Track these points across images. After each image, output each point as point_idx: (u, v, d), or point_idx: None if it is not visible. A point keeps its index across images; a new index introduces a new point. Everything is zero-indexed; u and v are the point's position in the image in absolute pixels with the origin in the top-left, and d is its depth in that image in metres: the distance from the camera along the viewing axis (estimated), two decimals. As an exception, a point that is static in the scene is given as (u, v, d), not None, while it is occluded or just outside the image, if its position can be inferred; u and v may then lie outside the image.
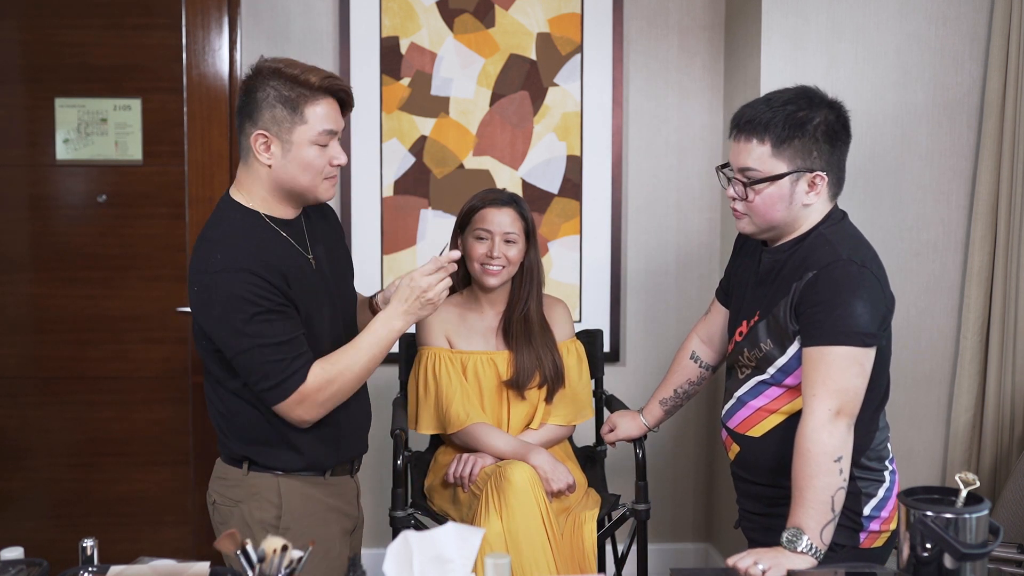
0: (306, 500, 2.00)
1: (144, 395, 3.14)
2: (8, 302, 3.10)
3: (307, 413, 1.91)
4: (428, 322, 2.55)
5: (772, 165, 1.91)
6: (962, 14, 2.95)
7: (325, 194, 1.96)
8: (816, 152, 1.91)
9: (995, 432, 2.90)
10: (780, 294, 1.93)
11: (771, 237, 2.00)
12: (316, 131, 1.88)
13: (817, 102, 1.94)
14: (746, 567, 1.69)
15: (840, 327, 1.81)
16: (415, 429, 2.55)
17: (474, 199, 2.55)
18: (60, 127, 3.07)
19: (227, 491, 2.03)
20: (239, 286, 1.84)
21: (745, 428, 2.03)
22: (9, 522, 3.13)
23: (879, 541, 1.96)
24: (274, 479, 1.99)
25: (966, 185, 3.00)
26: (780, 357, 1.94)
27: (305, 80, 1.86)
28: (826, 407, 1.80)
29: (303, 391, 1.88)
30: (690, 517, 3.40)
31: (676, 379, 2.40)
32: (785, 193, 1.91)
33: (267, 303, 1.85)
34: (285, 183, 1.92)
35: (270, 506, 1.98)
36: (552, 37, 3.24)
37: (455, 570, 1.41)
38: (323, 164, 1.91)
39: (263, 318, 1.85)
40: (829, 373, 1.81)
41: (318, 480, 2.03)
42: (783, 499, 1.91)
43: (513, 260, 2.50)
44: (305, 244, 2.01)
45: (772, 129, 1.90)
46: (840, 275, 1.84)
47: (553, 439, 2.56)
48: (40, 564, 1.52)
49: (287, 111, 1.86)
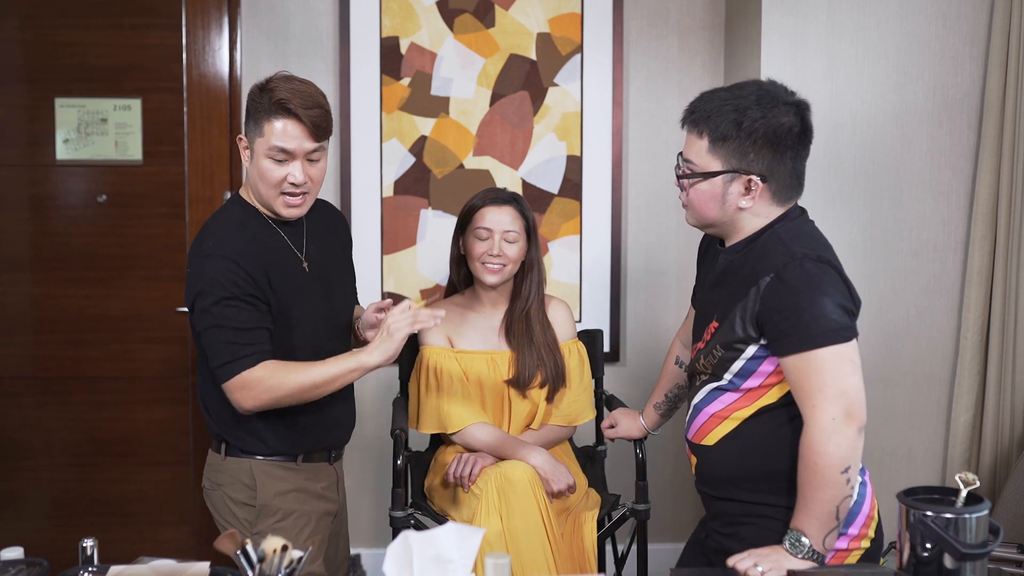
0: (279, 481, 2.09)
1: (144, 395, 3.14)
2: (8, 302, 3.11)
3: (244, 401, 1.98)
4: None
5: (707, 161, 1.82)
6: (962, 14, 2.95)
7: (283, 211, 2.04)
8: (753, 155, 1.79)
9: (995, 432, 2.90)
10: (736, 297, 1.82)
11: (717, 233, 1.91)
12: (268, 145, 1.97)
13: (776, 102, 1.80)
14: (746, 568, 1.69)
15: (816, 328, 1.71)
16: (416, 428, 2.55)
17: (475, 198, 2.55)
18: (60, 127, 3.07)
19: (212, 475, 2.15)
20: (220, 272, 1.95)
21: (699, 437, 1.92)
22: (9, 522, 3.13)
23: (849, 559, 1.83)
24: (247, 462, 2.09)
25: (966, 185, 3.00)
26: (736, 361, 1.84)
27: (269, 95, 1.96)
28: (828, 415, 1.71)
29: (245, 378, 1.95)
30: (690, 517, 3.40)
31: (666, 384, 2.38)
32: (718, 192, 1.82)
33: (238, 290, 1.96)
34: (253, 187, 2.05)
35: (244, 487, 2.08)
36: (552, 37, 3.24)
37: (455, 570, 1.41)
38: (278, 179, 2.00)
39: (230, 303, 1.95)
40: (822, 379, 1.71)
41: (290, 465, 2.12)
42: (744, 516, 1.87)
43: (513, 259, 2.50)
44: (301, 246, 2.10)
45: (711, 124, 1.80)
46: (799, 274, 1.74)
47: (553, 440, 2.56)
48: (40, 564, 1.53)
49: (253, 121, 2.00)
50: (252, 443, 2.09)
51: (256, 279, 1.97)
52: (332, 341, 2.16)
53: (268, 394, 1.97)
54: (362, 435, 2.39)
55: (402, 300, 2.05)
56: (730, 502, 1.90)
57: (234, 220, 2.05)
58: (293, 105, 1.95)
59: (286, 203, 2.03)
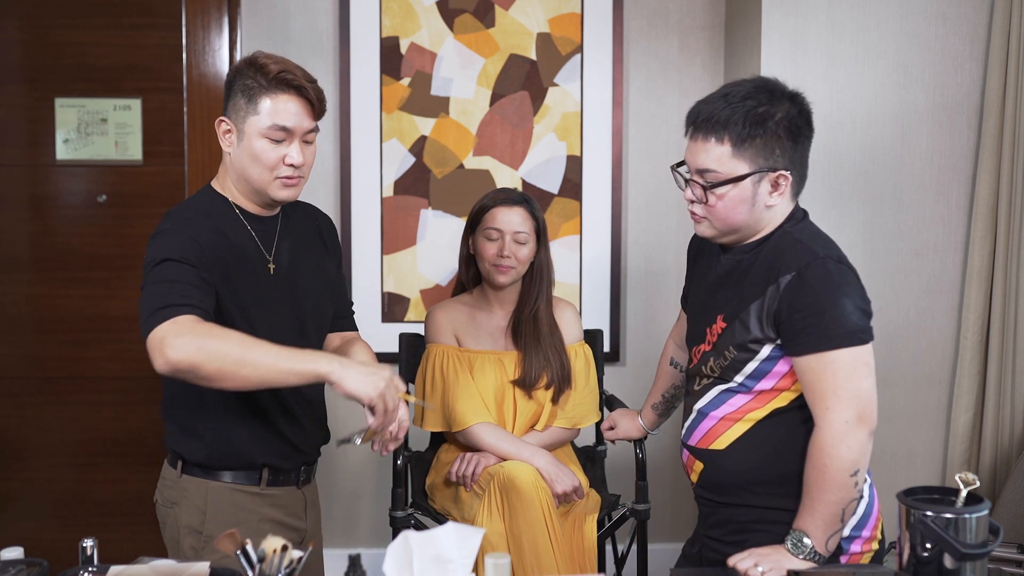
0: (235, 509, 1.90)
1: (144, 395, 3.14)
2: (8, 302, 3.10)
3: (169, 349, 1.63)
4: (437, 320, 2.56)
5: (733, 166, 1.77)
6: (962, 14, 2.95)
7: (278, 194, 1.89)
8: (779, 150, 1.78)
9: (995, 432, 2.90)
10: (749, 297, 1.80)
11: (736, 239, 1.87)
12: (266, 124, 1.83)
13: (778, 95, 1.80)
14: (746, 568, 1.69)
15: (835, 329, 1.70)
16: (420, 426, 2.55)
17: (485, 198, 2.55)
18: (60, 127, 3.07)
19: (165, 491, 1.98)
20: (174, 245, 1.77)
21: (708, 442, 1.88)
22: (9, 522, 3.13)
23: (863, 560, 1.85)
24: (203, 484, 1.90)
25: (966, 185, 3.00)
26: (750, 363, 1.82)
27: (265, 71, 1.82)
28: (842, 418, 1.70)
29: (176, 321, 1.65)
30: (690, 517, 3.40)
31: (662, 385, 2.38)
32: (747, 195, 1.78)
33: (180, 255, 1.76)
34: (240, 173, 1.89)
35: (196, 511, 1.91)
36: (552, 37, 3.24)
37: (455, 570, 1.41)
38: (274, 160, 1.86)
39: (173, 264, 1.75)
40: (837, 380, 1.71)
41: (251, 489, 1.92)
42: (755, 523, 1.84)
43: (523, 260, 2.51)
44: (271, 246, 1.95)
45: (732, 127, 1.76)
46: (822, 274, 1.73)
47: (557, 442, 2.56)
48: (40, 564, 1.52)
49: (244, 100, 1.84)
50: (188, 446, 1.90)
51: (207, 264, 1.78)
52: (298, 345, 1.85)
53: (196, 340, 1.63)
54: (362, 435, 2.39)
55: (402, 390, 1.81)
56: (740, 508, 1.88)
57: (197, 208, 1.89)
58: (295, 77, 1.83)
59: (283, 184, 1.88)
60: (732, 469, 1.87)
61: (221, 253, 1.83)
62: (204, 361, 1.64)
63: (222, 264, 1.83)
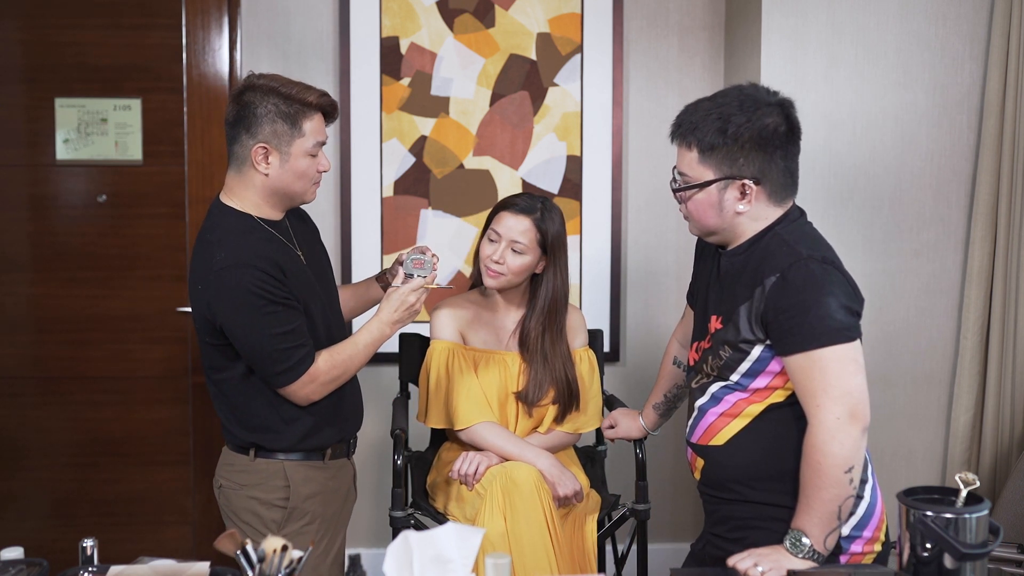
0: (309, 481, 2.16)
1: (144, 395, 3.14)
2: (8, 302, 3.11)
3: (314, 393, 2.09)
4: (442, 317, 2.54)
5: (700, 172, 1.84)
6: (962, 14, 2.95)
7: (311, 197, 2.17)
8: (742, 160, 1.81)
9: (995, 432, 2.90)
10: (740, 299, 1.84)
11: (720, 240, 1.92)
12: (311, 143, 2.07)
13: (761, 104, 1.82)
14: (746, 568, 1.69)
15: (819, 328, 1.73)
16: (423, 422, 2.54)
17: (505, 198, 2.53)
18: (60, 127, 3.07)
19: (234, 476, 2.17)
20: (245, 280, 1.98)
21: (707, 439, 1.92)
22: (9, 522, 3.13)
23: (864, 562, 1.85)
24: (279, 463, 2.14)
25: (966, 185, 3.00)
26: (743, 363, 1.85)
27: (302, 99, 2.05)
28: (833, 415, 1.72)
29: (312, 373, 2.07)
30: (690, 517, 3.40)
31: (664, 384, 2.39)
32: (714, 200, 1.84)
33: (271, 295, 2.00)
34: (279, 189, 2.09)
35: (278, 488, 2.13)
36: (552, 37, 3.24)
37: (455, 570, 1.41)
38: (314, 172, 2.12)
39: (269, 309, 2.00)
40: (826, 378, 1.73)
41: (318, 464, 2.19)
42: (755, 520, 1.86)
43: (515, 269, 2.46)
44: (293, 243, 2.17)
45: (698, 134, 1.83)
46: (805, 274, 1.75)
47: (559, 445, 2.55)
48: (40, 564, 1.53)
49: (287, 125, 2.04)
50: (289, 438, 2.14)
51: (279, 279, 2.02)
52: (339, 329, 2.24)
53: (333, 382, 2.11)
54: (362, 435, 2.39)
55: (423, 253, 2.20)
56: (739, 504, 1.90)
57: (234, 228, 2.06)
58: (330, 99, 2.10)
59: (316, 189, 2.17)
60: (731, 465, 1.89)
61: (278, 260, 2.06)
62: (336, 382, 2.13)
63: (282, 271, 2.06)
